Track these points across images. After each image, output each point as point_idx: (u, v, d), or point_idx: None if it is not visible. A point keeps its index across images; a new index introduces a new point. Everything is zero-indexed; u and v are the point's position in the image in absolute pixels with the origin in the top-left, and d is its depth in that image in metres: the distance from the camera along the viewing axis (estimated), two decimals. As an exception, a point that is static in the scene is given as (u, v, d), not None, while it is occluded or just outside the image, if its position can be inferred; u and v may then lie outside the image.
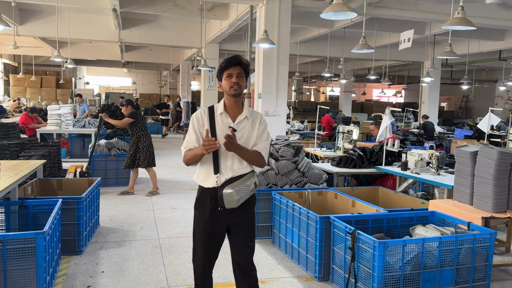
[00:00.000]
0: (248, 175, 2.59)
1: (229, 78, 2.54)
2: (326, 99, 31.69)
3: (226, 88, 2.57)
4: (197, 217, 2.68)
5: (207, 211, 2.59)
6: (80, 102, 12.51)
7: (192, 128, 2.61)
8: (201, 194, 2.64)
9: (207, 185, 2.58)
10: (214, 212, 2.58)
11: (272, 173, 4.78)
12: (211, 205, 2.58)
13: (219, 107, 2.62)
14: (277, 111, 8.58)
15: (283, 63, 8.49)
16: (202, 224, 2.62)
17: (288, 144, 4.84)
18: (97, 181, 5.01)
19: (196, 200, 2.68)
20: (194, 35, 13.66)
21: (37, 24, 13.46)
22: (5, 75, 20.84)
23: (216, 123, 2.58)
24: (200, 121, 2.62)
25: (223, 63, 2.59)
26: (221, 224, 2.62)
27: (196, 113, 2.67)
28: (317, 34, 13.15)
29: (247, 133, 2.60)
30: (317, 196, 4.73)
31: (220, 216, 2.58)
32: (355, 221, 3.65)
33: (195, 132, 2.60)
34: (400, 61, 18.07)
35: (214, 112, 2.62)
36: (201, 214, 2.63)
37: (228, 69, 2.55)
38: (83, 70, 29.18)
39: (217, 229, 2.63)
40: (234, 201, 2.49)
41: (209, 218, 2.59)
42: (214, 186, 2.55)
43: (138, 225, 5.20)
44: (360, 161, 5.30)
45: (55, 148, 7.15)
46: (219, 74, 2.62)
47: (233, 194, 2.47)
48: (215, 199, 2.54)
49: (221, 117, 2.60)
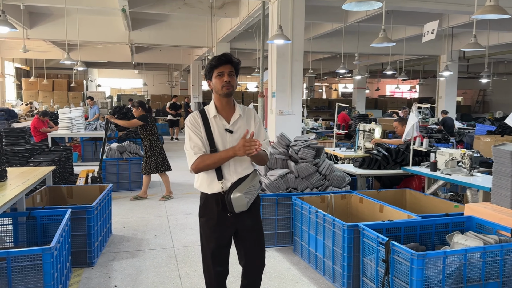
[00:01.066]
0: (251, 174, 2.51)
1: (220, 77, 2.42)
2: (338, 96, 31.29)
3: (217, 87, 2.44)
4: (204, 225, 2.55)
5: (214, 218, 2.48)
6: (91, 105, 12.38)
7: (192, 132, 2.46)
8: (205, 201, 2.52)
9: (212, 191, 2.47)
10: (221, 218, 2.47)
11: (291, 176, 4.50)
12: (217, 211, 2.47)
13: (211, 110, 2.49)
14: (292, 110, 8.29)
15: (298, 60, 8.19)
16: (209, 232, 2.52)
17: (308, 145, 4.56)
18: (109, 188, 4.79)
19: (200, 207, 2.56)
20: (204, 34, 13.45)
21: (47, 27, 13.37)
22: (17, 79, 20.90)
23: (212, 128, 2.46)
24: (196, 125, 2.47)
25: (213, 61, 2.45)
26: (229, 230, 2.52)
27: (189, 118, 2.51)
28: (330, 30, 12.82)
29: (244, 133, 2.44)
30: (340, 201, 4.44)
31: (228, 221, 2.48)
32: (386, 229, 3.36)
33: (197, 136, 2.45)
34: (415, 55, 17.60)
35: (207, 115, 2.49)
36: (207, 221, 2.51)
37: (218, 67, 2.42)
38: (94, 72, 29.27)
39: (225, 236, 2.53)
40: (243, 204, 2.40)
41: (217, 225, 2.49)
42: (220, 191, 2.45)
43: (152, 232, 4.97)
44: (385, 162, 4.99)
45: (65, 153, 6.98)
46: (208, 73, 2.48)
47: (242, 198, 2.39)
48: (222, 204, 2.44)
49: (215, 120, 2.48)
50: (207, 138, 2.43)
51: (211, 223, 2.49)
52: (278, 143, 4.69)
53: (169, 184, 6.62)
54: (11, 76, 20.99)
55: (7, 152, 5.86)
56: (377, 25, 13.49)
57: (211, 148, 2.43)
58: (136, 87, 31.08)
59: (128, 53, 18.59)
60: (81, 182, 6.32)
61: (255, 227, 2.59)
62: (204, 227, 2.54)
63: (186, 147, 2.47)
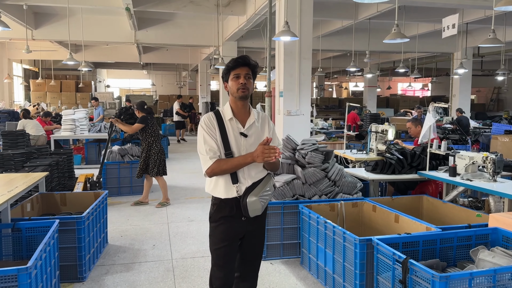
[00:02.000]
0: (266, 178, 2.46)
1: (236, 79, 2.39)
2: (349, 95, 30.81)
3: (233, 90, 2.41)
4: (215, 230, 2.49)
5: (227, 222, 2.44)
6: (96, 106, 12.16)
7: (208, 134, 2.40)
8: (219, 206, 2.46)
9: (226, 195, 2.42)
10: (235, 222, 2.44)
11: (298, 182, 4.18)
12: (232, 215, 2.43)
13: (227, 112, 2.45)
14: (300, 110, 7.95)
15: (306, 58, 7.85)
16: (222, 236, 2.46)
17: (316, 149, 4.23)
18: (104, 195, 4.51)
19: (213, 212, 2.49)
20: (211, 33, 13.18)
21: (52, 27, 13.23)
22: (25, 81, 20.86)
23: (227, 130, 2.41)
24: (211, 127, 2.42)
25: (230, 63, 2.43)
26: (239, 234, 2.50)
27: (204, 119, 2.45)
28: (340, 27, 12.44)
29: (257, 138, 2.44)
30: (351, 209, 4.11)
31: (240, 226, 2.46)
32: (402, 244, 3.02)
33: (213, 138, 2.39)
34: (428, 53, 17.13)
35: (222, 117, 2.44)
36: (220, 226, 2.45)
37: (235, 69, 2.39)
38: (103, 73, 29.24)
39: (236, 240, 2.50)
40: (258, 208, 2.38)
41: (230, 229, 2.45)
42: (234, 196, 2.41)
43: (150, 242, 4.68)
44: (400, 166, 4.64)
45: (64, 157, 6.73)
46: (225, 75, 2.45)
47: (258, 202, 2.36)
48: (236, 208, 2.41)
49: (230, 123, 2.43)
50: (222, 141, 2.39)
51: (224, 227, 2.44)
52: (284, 146, 4.37)
53: (167, 189, 6.32)
54: (19, 77, 20.97)
55: (1, 156, 5.64)
56: (389, 22, 13.09)
57: (225, 151, 2.39)
58: (145, 87, 30.98)
59: (136, 54, 18.45)
60: (79, 187, 6.07)
61: (261, 233, 2.60)
62: (215, 231, 2.48)
63: (201, 150, 2.40)
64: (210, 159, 2.35)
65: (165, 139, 11.44)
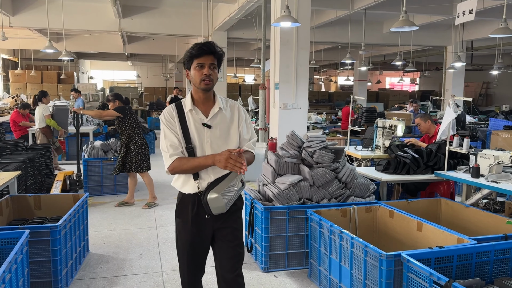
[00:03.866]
0: (231, 174, 2.23)
1: (200, 69, 2.19)
2: (337, 89, 30.48)
3: (195, 80, 2.22)
4: (179, 226, 2.36)
5: (189, 219, 2.29)
6: (76, 98, 11.47)
7: (168, 129, 2.24)
8: (181, 201, 2.34)
9: (188, 191, 2.28)
10: (198, 219, 2.28)
11: (305, 184, 3.72)
12: (193, 212, 2.28)
13: (187, 103, 2.27)
14: (296, 104, 7.49)
15: (303, 48, 7.38)
16: (185, 234, 2.32)
17: (325, 146, 3.77)
18: (84, 197, 3.98)
19: (176, 207, 2.36)
20: (199, 22, 12.57)
21: (31, 14, 12.44)
22: (3, 71, 19.94)
23: (188, 122, 2.24)
24: (171, 120, 2.25)
25: (193, 50, 2.19)
26: (206, 232, 2.32)
27: (164, 113, 2.29)
28: (334, 18, 11.97)
29: (225, 129, 2.28)
30: (365, 214, 3.67)
31: (205, 223, 2.29)
32: (435, 259, 2.59)
33: (173, 133, 2.24)
34: (421, 46, 16.80)
35: (183, 109, 2.27)
36: (182, 222, 2.32)
37: (199, 58, 2.18)
38: (86, 64, 28.35)
39: (201, 238, 2.33)
40: (221, 206, 2.20)
41: (192, 227, 2.29)
42: (196, 192, 2.25)
43: (136, 250, 4.17)
44: (415, 165, 4.21)
45: (42, 153, 6.16)
46: (187, 62, 2.23)
47: (219, 199, 2.18)
48: (198, 205, 2.26)
49: (191, 114, 2.26)
50: (183, 133, 2.23)
51: (186, 224, 2.30)
52: (289, 143, 3.90)
53: (153, 187, 5.79)
54: (-3, 67, 20.03)
55: (-32, 153, 5.06)
56: (384, 13, 12.72)
57: (186, 144, 2.22)
58: (130, 79, 30.15)
59: (120, 44, 17.73)
60: (58, 186, 5.52)
61: (234, 227, 2.37)
62: (179, 228, 2.36)
63: (162, 146, 2.25)
64: (170, 156, 2.20)
65: (152, 133, 10.88)
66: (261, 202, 3.77)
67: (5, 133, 9.98)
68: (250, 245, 3.91)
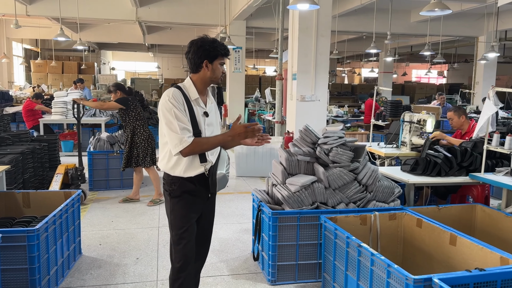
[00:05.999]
0: (222, 152, 2.46)
1: (221, 66, 2.41)
2: (361, 81, 29.62)
3: (216, 75, 2.39)
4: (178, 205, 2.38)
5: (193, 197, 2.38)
6: (82, 88, 11.18)
7: (179, 111, 2.27)
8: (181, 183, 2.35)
9: (190, 174, 2.34)
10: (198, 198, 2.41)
11: (319, 186, 3.26)
12: (196, 191, 2.38)
13: (192, 91, 2.37)
14: (315, 95, 7.00)
15: (324, 35, 6.86)
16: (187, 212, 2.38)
17: (343, 143, 3.29)
18: (76, 195, 3.63)
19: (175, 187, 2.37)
20: (218, 11, 12.15)
21: (48, 2, 12.26)
22: (25, 61, 20.04)
23: (194, 109, 2.35)
24: (182, 104, 2.30)
25: (222, 49, 2.37)
26: (198, 212, 2.45)
27: (173, 95, 2.29)
28: (358, 5, 11.33)
29: (213, 117, 2.48)
30: (388, 222, 3.18)
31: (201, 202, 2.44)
32: (473, 284, 2.11)
33: (185, 116, 2.28)
34: (450, 37, 15.93)
35: (187, 96, 2.35)
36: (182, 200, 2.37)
37: (224, 58, 2.40)
38: (108, 55, 28.43)
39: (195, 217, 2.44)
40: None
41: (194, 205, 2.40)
42: (199, 174, 2.35)
43: (133, 253, 3.81)
44: (447, 166, 3.68)
45: (45, 144, 5.87)
46: (213, 56, 2.35)
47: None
48: (200, 184, 2.37)
49: (196, 102, 2.37)
50: (190, 119, 2.31)
51: (187, 201, 2.37)
52: (302, 139, 3.44)
53: (159, 183, 5.42)
54: (19, 57, 20.17)
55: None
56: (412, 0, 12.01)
57: (194, 130, 2.30)
58: (151, 70, 30.10)
59: (140, 34, 17.53)
60: (58, 180, 5.22)
61: (214, 210, 2.61)
62: (177, 206, 2.37)
63: (172, 128, 2.23)
64: (188, 138, 2.24)
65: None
66: (269, 205, 3.34)
67: (19, 123, 9.88)
68: (257, 253, 3.50)
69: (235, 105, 13.24)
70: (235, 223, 4.70)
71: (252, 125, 2.22)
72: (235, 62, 13.15)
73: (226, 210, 5.15)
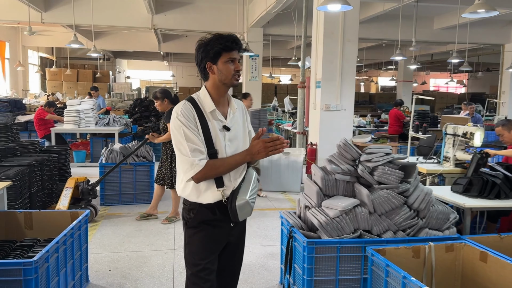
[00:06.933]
0: (248, 174, 2.08)
1: (231, 64, 2.01)
2: (378, 89, 29.06)
3: (226, 75, 2.01)
4: (195, 237, 2.06)
5: (213, 228, 2.05)
6: (96, 96, 10.88)
7: (189, 130, 1.95)
8: (199, 211, 2.04)
9: (207, 200, 2.02)
10: (220, 227, 2.07)
11: (363, 211, 2.80)
12: (216, 220, 2.04)
13: (207, 103, 2.03)
14: (341, 105, 6.56)
15: (351, 40, 6.44)
16: (205, 245, 2.05)
17: (390, 161, 2.84)
18: (83, 216, 3.23)
19: (191, 217, 2.06)
20: (235, 18, 11.83)
21: (63, 9, 12.09)
22: (41, 69, 20.04)
23: (209, 124, 2.00)
24: (192, 121, 1.97)
25: (225, 42, 1.97)
26: (222, 243, 2.12)
27: (181, 110, 1.98)
28: (381, 11, 10.91)
29: (239, 130, 2.11)
30: (444, 255, 2.71)
31: (224, 232, 2.10)
32: None
33: (195, 135, 1.96)
34: (475, 44, 15.36)
35: (201, 108, 2.01)
36: (201, 232, 2.04)
37: (231, 52, 2.00)
38: (123, 63, 28.48)
39: (218, 249, 2.11)
40: (249, 211, 2.02)
41: (214, 236, 2.06)
42: (218, 200, 2.02)
43: (146, 283, 3.38)
44: (508, 187, 3.20)
45: (55, 155, 5.53)
46: (215, 55, 1.98)
47: (248, 204, 1.99)
48: (220, 212, 2.03)
49: (212, 116, 2.02)
50: (204, 137, 1.99)
51: (205, 233, 2.06)
52: (340, 155, 2.99)
53: (179, 201, 5.00)
54: (35, 65, 20.19)
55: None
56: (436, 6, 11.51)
57: (209, 149, 1.99)
58: (166, 79, 30.05)
59: (155, 42, 17.39)
60: (68, 194, 4.85)
61: (243, 241, 2.28)
62: (195, 238, 2.08)
63: (182, 150, 1.96)
64: (200, 161, 1.94)
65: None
66: (302, 232, 2.89)
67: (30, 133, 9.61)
68: (287, 286, 3.04)
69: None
70: (258, 245, 4.25)
71: (272, 139, 1.90)
72: (252, 70, 12.81)
73: (246, 230, 4.70)
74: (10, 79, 16.79)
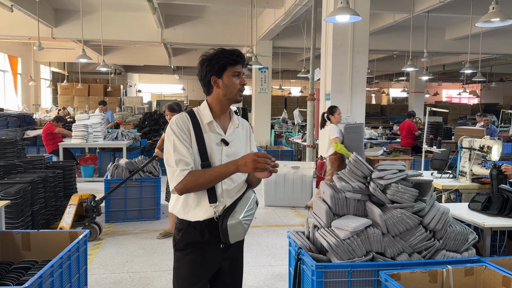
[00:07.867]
0: (247, 194, 2.01)
1: (237, 78, 1.99)
2: (389, 101, 28.80)
3: (231, 89, 1.97)
4: (182, 261, 1.97)
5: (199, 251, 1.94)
6: (104, 111, 10.90)
7: (178, 140, 1.90)
8: (187, 231, 1.95)
9: (196, 217, 1.93)
10: (208, 250, 1.96)
11: (375, 232, 2.62)
12: (204, 241, 1.94)
13: (206, 115, 1.99)
14: (352, 117, 6.39)
15: (361, 52, 6.31)
16: (192, 270, 1.94)
17: (403, 178, 2.67)
18: (83, 236, 3.11)
19: (179, 237, 1.97)
20: (244, 31, 11.81)
21: (73, 25, 12.20)
22: (52, 84, 20.27)
23: (205, 136, 1.95)
24: (185, 131, 1.93)
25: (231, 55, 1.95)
26: (213, 267, 2.00)
27: (176, 121, 1.94)
28: (391, 22, 10.77)
29: (239, 147, 2.05)
30: (463, 279, 2.51)
31: (216, 255, 1.98)
32: None
33: (185, 145, 1.90)
34: (489, 54, 15.13)
35: (199, 120, 1.97)
36: (189, 255, 1.94)
37: (236, 66, 1.97)
38: (134, 78, 28.76)
39: (210, 273, 2.00)
40: (241, 232, 1.93)
41: (203, 260, 1.95)
42: (210, 217, 1.92)
43: (148, 305, 3.23)
44: (530, 206, 3.00)
45: (60, 171, 5.44)
46: (220, 69, 1.95)
47: (240, 224, 1.89)
48: (209, 233, 1.93)
49: (209, 127, 1.98)
50: (199, 148, 1.92)
51: (193, 256, 1.94)
52: (350, 172, 2.83)
53: None
54: (47, 80, 20.45)
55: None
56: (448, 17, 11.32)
57: (202, 161, 1.92)
58: (177, 92, 30.24)
59: (165, 56, 17.51)
60: (71, 211, 4.74)
61: (240, 265, 2.12)
62: (182, 262, 1.97)
63: (168, 161, 1.91)
64: (182, 171, 1.87)
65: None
66: (311, 254, 2.72)
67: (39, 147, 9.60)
68: (296, 312, 2.86)
69: (261, 126, 12.78)
70: (265, 265, 4.07)
71: (266, 155, 1.78)
72: (261, 82, 12.74)
73: (254, 248, 4.54)
74: (22, 93, 16.98)
